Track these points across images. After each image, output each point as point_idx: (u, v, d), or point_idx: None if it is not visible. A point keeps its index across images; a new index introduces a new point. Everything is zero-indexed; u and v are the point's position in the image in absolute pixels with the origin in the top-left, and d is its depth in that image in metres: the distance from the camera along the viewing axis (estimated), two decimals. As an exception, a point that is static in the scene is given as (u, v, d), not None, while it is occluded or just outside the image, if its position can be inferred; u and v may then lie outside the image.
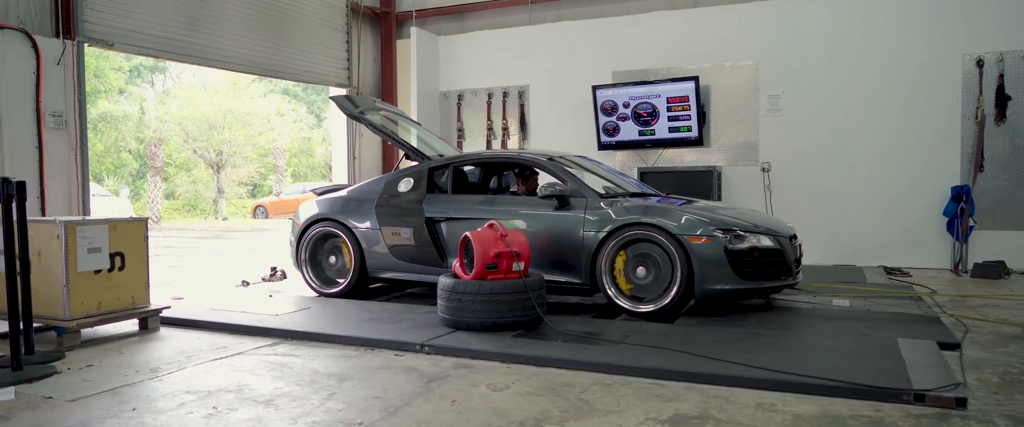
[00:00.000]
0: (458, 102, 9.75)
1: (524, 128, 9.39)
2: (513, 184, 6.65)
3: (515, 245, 4.45)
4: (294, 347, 4.19)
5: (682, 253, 4.65)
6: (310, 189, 6.72)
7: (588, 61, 8.95)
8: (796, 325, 4.53)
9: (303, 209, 6.16)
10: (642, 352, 3.75)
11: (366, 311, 5.03)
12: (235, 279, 7.20)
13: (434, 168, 5.76)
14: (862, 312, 4.90)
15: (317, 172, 37.80)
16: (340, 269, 5.93)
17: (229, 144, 24.51)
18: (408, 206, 5.63)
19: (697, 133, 8.18)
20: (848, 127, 7.79)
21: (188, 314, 4.97)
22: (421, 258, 5.52)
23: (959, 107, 7.36)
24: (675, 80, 8.23)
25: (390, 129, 6.22)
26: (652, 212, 4.81)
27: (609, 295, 4.86)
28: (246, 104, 24.51)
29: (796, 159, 7.99)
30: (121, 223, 4.56)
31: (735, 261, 4.65)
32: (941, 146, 7.44)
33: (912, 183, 7.53)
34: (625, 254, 4.86)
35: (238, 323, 4.68)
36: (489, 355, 3.83)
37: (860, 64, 7.72)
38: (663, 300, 4.72)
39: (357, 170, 9.51)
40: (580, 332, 4.24)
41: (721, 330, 4.35)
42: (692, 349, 3.77)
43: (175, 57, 7.21)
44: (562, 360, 3.67)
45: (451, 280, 4.42)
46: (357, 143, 9.47)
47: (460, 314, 4.32)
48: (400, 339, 4.12)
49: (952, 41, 7.34)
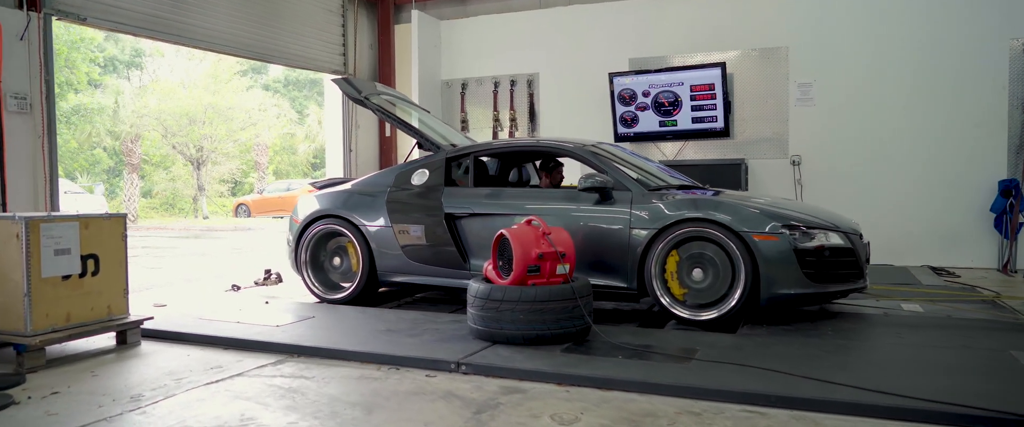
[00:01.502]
0: (462, 91, 9.11)
1: (533, 119, 8.78)
2: (533, 177, 6.05)
3: (559, 244, 3.84)
4: (303, 366, 3.54)
5: (746, 253, 4.07)
6: (309, 183, 6.05)
7: (602, 47, 8.35)
8: (879, 335, 3.97)
9: (302, 205, 5.49)
10: (723, 371, 3.15)
11: (380, 320, 4.39)
12: (224, 283, 6.51)
13: (452, 158, 5.13)
14: (943, 319, 4.36)
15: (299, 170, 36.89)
16: (345, 272, 5.28)
17: (210, 139, 23.58)
18: (424, 201, 5.00)
19: (723, 124, 7.62)
20: (885, 118, 7.27)
21: (174, 325, 4.30)
22: (440, 259, 4.89)
23: (1006, 96, 6.86)
24: (700, 67, 7.66)
25: (399, 115, 5.56)
26: (711, 206, 4.22)
27: (661, 301, 4.27)
28: (228, 98, 23.57)
29: (828, 152, 7.46)
30: (95, 220, 3.88)
31: (804, 261, 4.08)
32: (986, 138, 6.94)
33: (955, 177, 7.03)
34: (677, 255, 4.27)
35: (233, 336, 4.02)
36: (542, 376, 3.21)
37: (898, 50, 7.21)
38: (723, 306, 4.14)
39: (353, 164, 8.84)
40: (637, 345, 3.64)
41: (800, 342, 3.77)
42: (779, 366, 3.18)
43: (157, 35, 6.49)
44: (632, 382, 3.06)
45: (484, 285, 3.80)
46: (353, 135, 8.80)
47: (497, 325, 3.70)
48: (430, 356, 3.49)
49: (999, 26, 6.85)
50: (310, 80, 43.12)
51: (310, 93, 42.48)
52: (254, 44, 7.41)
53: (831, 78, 7.44)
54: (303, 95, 41.95)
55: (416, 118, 5.74)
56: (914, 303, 4.82)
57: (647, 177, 4.69)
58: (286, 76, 41.68)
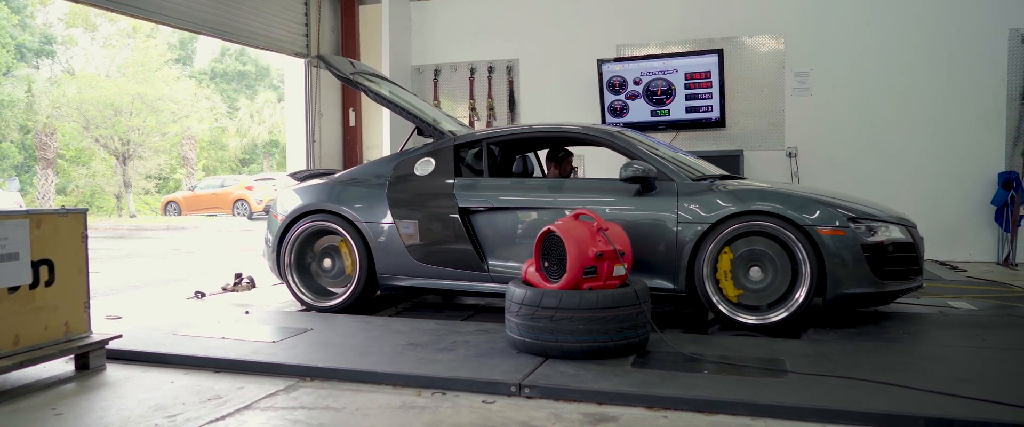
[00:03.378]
0: (435, 78, 8.48)
1: (513, 108, 8.24)
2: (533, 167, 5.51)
3: (617, 242, 3.32)
4: (324, 393, 2.90)
5: (811, 249, 3.67)
6: (289, 175, 5.33)
7: (587, 32, 7.89)
8: (957, 338, 3.62)
9: (284, 199, 4.79)
10: (830, 386, 2.71)
11: (394, 332, 3.77)
12: (183, 288, 5.71)
13: (461, 145, 4.54)
14: (1004, 317, 4.08)
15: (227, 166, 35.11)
16: (338, 275, 4.61)
17: (138, 132, 21.88)
18: (433, 193, 4.39)
19: (719, 113, 7.28)
20: (883, 108, 7.09)
21: (145, 343, 3.56)
22: (453, 260, 4.30)
23: (1005, 87, 6.78)
24: (695, 53, 7.30)
25: (395, 96, 4.93)
26: (771, 198, 3.80)
27: (715, 305, 3.81)
28: (157, 88, 21.91)
29: (825, 143, 7.23)
30: (48, 217, 3.12)
31: (870, 258, 3.72)
32: (985, 129, 6.84)
33: (954, 169, 6.91)
34: (731, 253, 3.83)
35: (224, 356, 3.32)
36: (627, 398, 2.69)
37: (896, 39, 7.03)
38: (784, 308, 3.73)
39: (316, 154, 8.08)
40: (713, 357, 3.17)
41: (884, 348, 3.38)
42: (886, 377, 2.77)
43: (101, 4, 5.60)
44: (739, 404, 2.58)
45: (531, 291, 3.24)
46: (317, 123, 8.03)
47: (551, 336, 3.15)
48: (481, 376, 2.92)
49: (998, 15, 6.75)
50: (239, 72, 41.33)
51: (239, 86, 40.60)
52: (211, 19, 6.58)
53: (828, 67, 7.21)
54: (232, 88, 40.01)
55: (410, 101, 5.12)
56: (962, 301, 4.55)
57: (687, 167, 4.23)
58: (213, 67, 39.71)
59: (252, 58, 41.68)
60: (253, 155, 36.31)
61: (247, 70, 41.11)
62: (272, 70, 42.80)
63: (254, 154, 36.18)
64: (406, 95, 5.26)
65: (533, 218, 4.16)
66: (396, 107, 4.80)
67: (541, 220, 4.14)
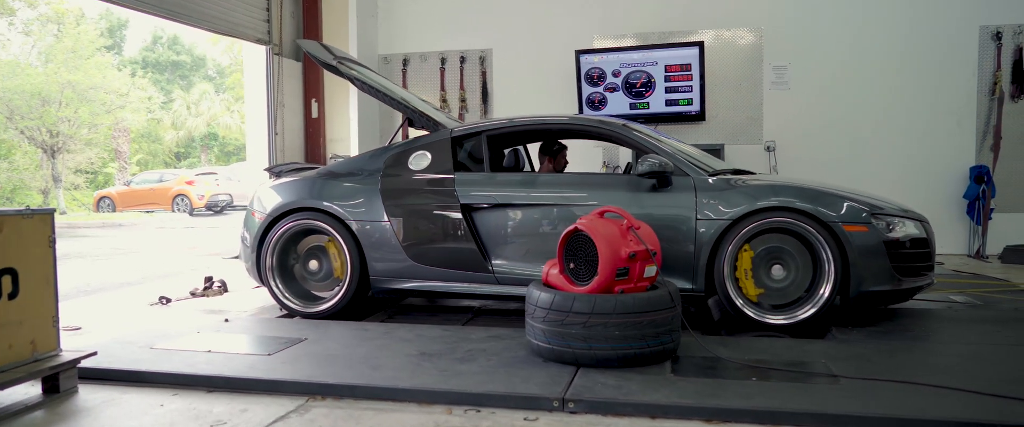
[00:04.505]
0: (403, 68, 8.13)
1: (486, 100, 7.97)
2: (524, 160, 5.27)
3: (648, 241, 3.12)
4: (340, 412, 2.60)
5: (836, 246, 3.55)
6: (264, 169, 4.93)
7: (564, 23, 7.69)
8: (980, 333, 3.58)
9: (264, 196, 4.40)
10: (890, 391, 2.57)
11: (399, 340, 3.47)
12: (143, 293, 5.24)
13: (459, 138, 4.26)
14: (1011, 312, 4.08)
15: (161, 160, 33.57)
16: (325, 278, 4.27)
17: (68, 123, 20.52)
18: (431, 189, 4.10)
19: (699, 107, 7.19)
20: (859, 103, 7.14)
21: (121, 360, 3.16)
22: (455, 261, 4.02)
23: (976, 82, 6.90)
24: (676, 45, 7.18)
25: (384, 86, 4.60)
26: (794, 193, 3.66)
27: (736, 304, 3.66)
28: (90, 76, 20.57)
29: (803, 136, 7.23)
30: (10, 219, 2.70)
31: (891, 254, 3.63)
32: (957, 124, 6.97)
33: (926, 163, 7.01)
34: (751, 250, 3.68)
35: (217, 373, 2.96)
36: (681, 411, 2.48)
37: (873, 34, 7.08)
38: (807, 307, 3.60)
39: (278, 148, 7.62)
40: (751, 361, 3.00)
41: (920, 347, 3.29)
42: (936, 380, 2.66)
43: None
44: (803, 414, 2.40)
45: (559, 295, 3.01)
46: (279, 116, 7.57)
47: (583, 344, 2.92)
48: (516, 391, 2.66)
49: (969, 12, 6.87)
50: (173, 62, 39.51)
51: (173, 76, 38.83)
52: (167, 0, 6.07)
53: (806, 61, 7.21)
54: (165, 78, 38.23)
55: (398, 91, 4.80)
56: (962, 296, 4.54)
57: (700, 162, 4.06)
58: (145, 57, 37.85)
59: (186, 47, 39.96)
60: (190, 148, 34.83)
61: (181, 60, 39.39)
62: (208, 60, 41.18)
63: (190, 147, 34.71)
64: (392, 84, 4.94)
65: (543, 216, 3.92)
66: (386, 97, 4.48)
67: (552, 218, 3.90)
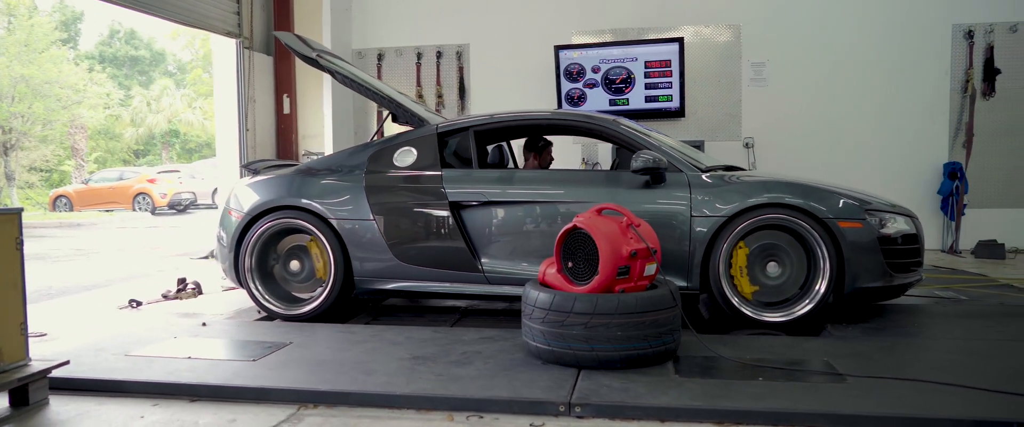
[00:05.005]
0: (378, 63, 7.96)
1: (463, 95, 7.84)
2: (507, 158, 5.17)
3: (648, 239, 3.04)
4: (335, 421, 2.46)
5: (831, 242, 3.53)
6: (243, 165, 4.74)
7: (543, 18, 7.60)
8: (972, 329, 3.58)
9: (241, 193, 4.22)
10: (902, 390, 2.54)
11: (389, 343, 3.34)
12: (110, 296, 5.00)
13: (445, 134, 4.14)
14: (997, 306, 4.12)
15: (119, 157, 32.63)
16: (307, 279, 4.11)
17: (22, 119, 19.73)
18: (418, 186, 3.97)
19: (679, 103, 7.17)
20: (835, 99, 7.19)
21: (95, 369, 2.97)
22: (444, 260, 3.90)
23: (948, 80, 7.01)
24: (656, 41, 7.15)
25: (365, 80, 4.45)
26: (790, 189, 3.63)
27: (731, 302, 3.61)
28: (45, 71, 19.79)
29: (781, 133, 7.26)
30: (-26, 218, 2.51)
31: (885, 250, 3.63)
32: (930, 121, 7.06)
33: (902, 160, 7.09)
34: (746, 247, 3.64)
35: (198, 381, 2.80)
36: (693, 414, 2.41)
37: (848, 33, 7.14)
38: (804, 303, 3.58)
39: (249, 144, 7.38)
40: (752, 360, 2.95)
41: (919, 344, 3.28)
42: (941, 377, 2.63)
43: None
44: (816, 415, 2.35)
45: (559, 295, 2.92)
46: (250, 111, 7.34)
47: (585, 345, 2.84)
48: (520, 395, 2.56)
49: (942, 10, 6.96)
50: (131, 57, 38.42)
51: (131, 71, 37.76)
52: (131, -10, 5.82)
53: (784, 58, 7.24)
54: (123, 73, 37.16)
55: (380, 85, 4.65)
56: (948, 292, 4.58)
57: (692, 157, 4.01)
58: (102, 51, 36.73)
59: (145, 42, 38.91)
60: (149, 146, 33.92)
61: (140, 55, 38.34)
62: (168, 55, 40.15)
63: (150, 145, 33.80)
64: (372, 78, 4.79)
65: (535, 214, 3.83)
66: (369, 91, 4.33)
67: (545, 216, 3.81)
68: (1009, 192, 6.94)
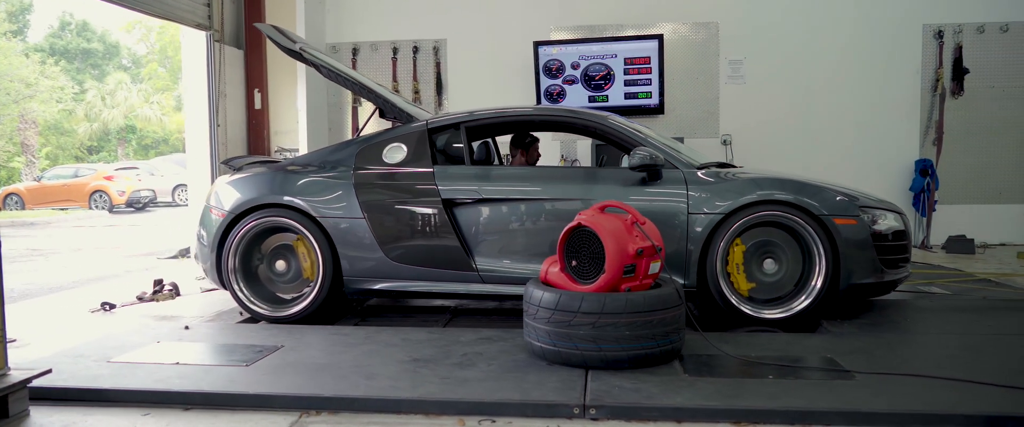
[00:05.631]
0: (353, 58, 7.79)
1: (440, 91, 7.73)
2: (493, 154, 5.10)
3: (653, 237, 3.01)
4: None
5: (827, 239, 3.55)
6: (223, 162, 4.57)
7: (521, 13, 7.54)
8: (964, 324, 3.65)
9: (222, 191, 4.06)
10: (914, 386, 2.55)
11: (386, 345, 3.24)
12: (78, 299, 4.78)
13: (435, 129, 4.05)
14: (979, 301, 4.20)
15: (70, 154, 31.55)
16: (293, 279, 3.97)
17: (-31, 113, 18.90)
18: (409, 183, 3.87)
19: (658, 100, 7.18)
20: (810, 97, 7.29)
21: (76, 377, 2.81)
22: (437, 259, 3.81)
23: (919, 79, 7.16)
24: (635, 38, 7.14)
25: (351, 74, 4.33)
26: (786, 186, 3.63)
27: (729, 300, 3.60)
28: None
29: (758, 130, 7.33)
30: (-52, 218, 2.33)
31: (877, 247, 3.66)
32: (902, 119, 7.21)
33: (876, 157, 7.23)
34: (742, 244, 3.64)
35: (190, 388, 2.67)
36: (710, 414, 2.38)
37: (823, 32, 7.24)
38: (802, 299, 3.59)
39: (220, 140, 7.16)
40: (757, 359, 2.94)
41: (913, 339, 3.34)
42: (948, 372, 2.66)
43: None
44: (833, 414, 2.33)
45: (565, 295, 2.86)
46: (221, 106, 7.11)
47: (593, 345, 2.78)
48: (532, 398, 2.50)
49: (914, 10, 7.11)
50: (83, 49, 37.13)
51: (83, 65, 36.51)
52: (98, -21, 5.56)
53: (761, 56, 7.31)
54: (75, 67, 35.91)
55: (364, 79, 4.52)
56: (932, 287, 4.66)
57: (686, 154, 3.99)
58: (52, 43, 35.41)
59: (98, 34, 37.66)
60: (103, 142, 32.87)
61: (93, 48, 37.10)
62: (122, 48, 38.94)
63: (104, 141, 32.77)
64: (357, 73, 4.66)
65: (531, 211, 3.76)
66: (355, 85, 4.21)
67: (541, 213, 3.75)
68: (977, 188, 7.12)
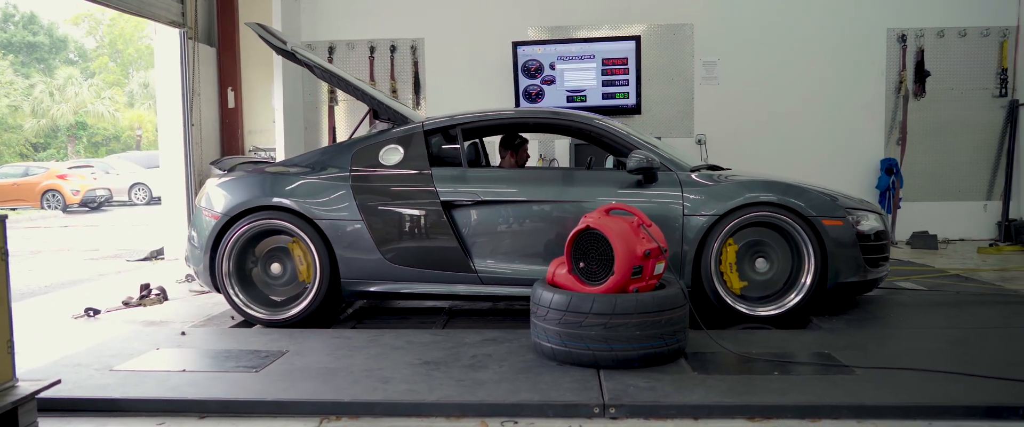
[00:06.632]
0: (329, 56, 7.71)
1: (418, 90, 7.71)
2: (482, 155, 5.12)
3: (658, 238, 3.08)
4: (367, 433, 2.38)
5: (815, 239, 3.68)
6: (211, 163, 4.50)
7: (500, 13, 7.56)
8: (947, 318, 3.84)
9: (214, 193, 4.00)
10: (913, 379, 2.68)
11: (392, 348, 3.25)
12: (54, 305, 4.65)
13: (431, 131, 4.06)
14: (952, 295, 4.40)
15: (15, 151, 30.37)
16: (289, 282, 3.94)
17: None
18: (407, 185, 3.88)
19: (635, 100, 7.29)
20: (781, 98, 7.49)
21: (82, 387, 2.76)
22: (436, 261, 3.82)
23: (884, 81, 7.42)
24: (613, 39, 7.24)
25: (344, 75, 4.30)
26: (777, 189, 3.75)
27: (723, 298, 3.71)
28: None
29: (731, 130, 7.50)
30: (-45, 227, 2.27)
31: (861, 246, 3.81)
32: (867, 120, 7.46)
33: (844, 156, 7.46)
34: (735, 244, 3.75)
35: (204, 396, 2.64)
36: (724, 410, 2.46)
37: (792, 33, 7.44)
38: (788, 299, 3.72)
39: (194, 140, 7.01)
40: (760, 355, 3.04)
41: (903, 333, 3.50)
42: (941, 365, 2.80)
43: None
44: (840, 407, 2.44)
45: (576, 296, 2.91)
46: (195, 105, 6.96)
47: (604, 345, 2.85)
48: (551, 399, 2.55)
49: (879, 14, 7.36)
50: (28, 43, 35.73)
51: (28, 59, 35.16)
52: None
53: (734, 57, 7.47)
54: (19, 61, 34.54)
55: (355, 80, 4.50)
56: (908, 283, 4.85)
57: (678, 157, 4.08)
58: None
59: (45, 28, 36.32)
60: (51, 139, 31.72)
61: (39, 41, 35.75)
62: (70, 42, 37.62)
63: (52, 137, 31.62)
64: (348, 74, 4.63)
65: (530, 213, 3.81)
66: (349, 85, 4.20)
67: (540, 215, 3.80)
68: (938, 186, 7.43)
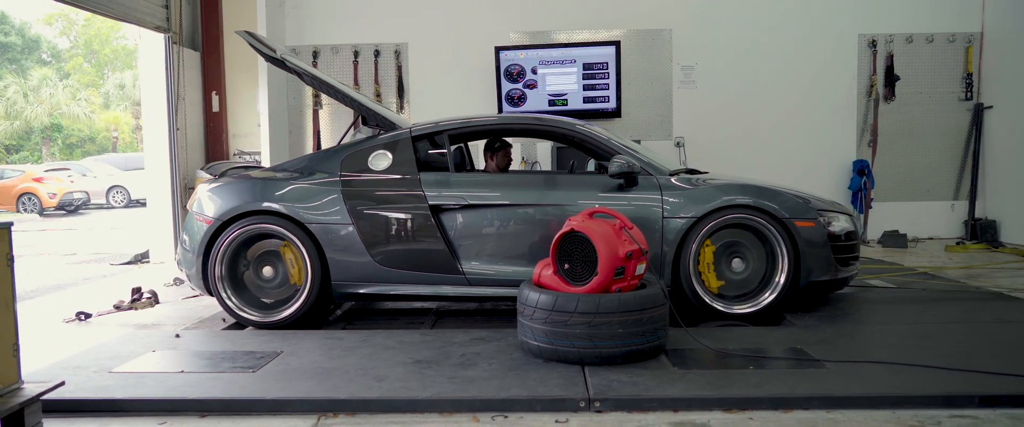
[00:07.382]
0: (313, 61, 7.78)
1: (402, 95, 7.81)
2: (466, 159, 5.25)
3: (639, 240, 3.23)
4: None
5: (789, 240, 3.85)
6: (201, 169, 4.56)
7: (483, 18, 7.68)
8: (913, 313, 4.03)
9: (206, 197, 4.08)
10: (875, 372, 2.85)
11: (383, 348, 3.36)
12: (43, 310, 4.69)
13: (419, 137, 4.17)
14: (920, 293, 4.60)
15: (-13, 154, 29.90)
16: (280, 285, 4.03)
17: None
18: (396, 190, 3.99)
19: (615, 104, 7.45)
20: (756, 102, 7.69)
21: (84, 388, 2.83)
22: (425, 263, 3.93)
23: (855, 85, 7.65)
24: (594, 44, 7.39)
25: (333, 82, 4.40)
26: (751, 192, 3.92)
27: (701, 297, 3.87)
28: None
29: (708, 133, 7.69)
30: (-37, 234, 2.34)
31: (833, 246, 3.99)
32: (840, 123, 7.69)
33: (817, 158, 7.69)
34: (712, 245, 3.91)
35: (204, 395, 2.74)
36: (704, 402, 2.61)
37: (768, 40, 7.65)
38: (763, 297, 3.89)
39: (179, 144, 7.05)
40: (736, 351, 3.19)
41: (871, 329, 3.68)
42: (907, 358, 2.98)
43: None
44: (811, 398, 2.60)
45: (562, 296, 3.05)
46: (180, 108, 7.00)
47: (588, 343, 2.98)
48: (540, 393, 2.68)
49: (851, 20, 7.59)
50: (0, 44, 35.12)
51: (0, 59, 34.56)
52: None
53: (711, 62, 7.66)
54: (-13, 61, 33.99)
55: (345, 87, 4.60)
56: (878, 280, 5.05)
57: (657, 161, 4.24)
58: (-39, 36, 33.39)
59: (17, 27, 35.75)
60: (24, 140, 31.26)
61: (10, 41, 35.19)
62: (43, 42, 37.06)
63: (26, 139, 31.17)
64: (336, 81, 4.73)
65: (516, 216, 3.93)
66: (339, 93, 4.30)
67: (526, 218, 3.93)
68: (907, 187, 7.68)
